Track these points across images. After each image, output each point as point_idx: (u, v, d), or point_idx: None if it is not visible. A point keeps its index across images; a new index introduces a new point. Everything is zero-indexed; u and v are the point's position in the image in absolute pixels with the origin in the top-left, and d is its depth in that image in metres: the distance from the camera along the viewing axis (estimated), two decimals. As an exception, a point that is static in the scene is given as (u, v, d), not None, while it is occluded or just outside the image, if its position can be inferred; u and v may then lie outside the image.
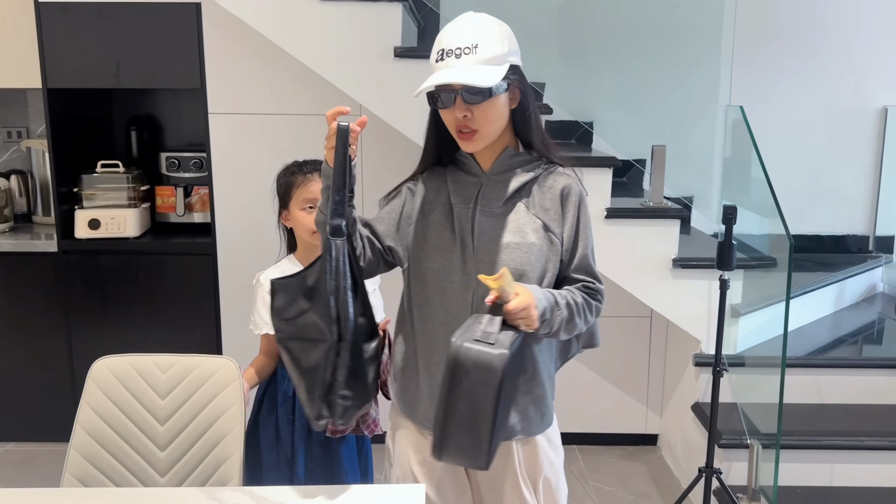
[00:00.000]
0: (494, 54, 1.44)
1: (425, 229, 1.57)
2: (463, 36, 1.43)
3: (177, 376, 1.74)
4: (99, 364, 1.75)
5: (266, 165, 3.04)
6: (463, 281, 1.52)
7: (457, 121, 1.46)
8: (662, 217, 2.76)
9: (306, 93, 3.06)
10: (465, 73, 1.41)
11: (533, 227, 1.52)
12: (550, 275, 1.53)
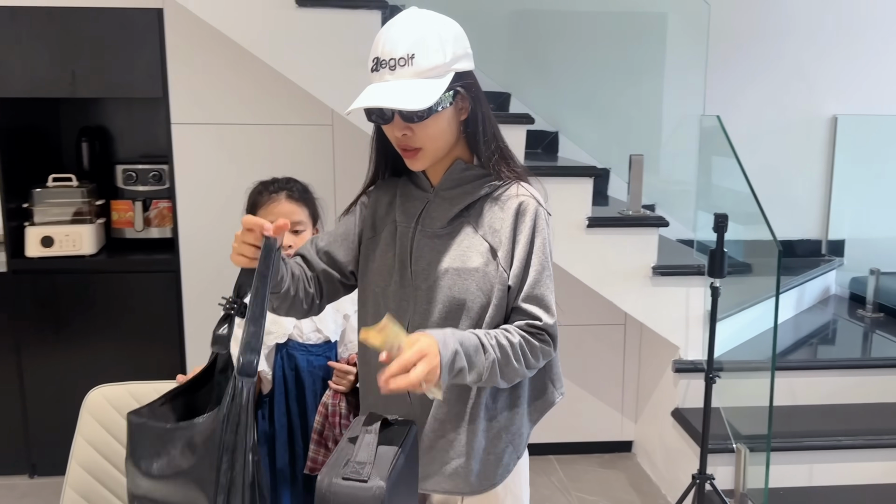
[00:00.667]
0: (434, 64, 1.26)
1: (373, 248, 1.44)
2: (398, 44, 1.25)
3: (180, 404, 1.63)
4: (94, 394, 1.62)
5: (233, 177, 2.95)
6: (399, 310, 1.37)
7: (397, 139, 1.33)
8: (643, 225, 2.78)
9: (276, 102, 2.97)
10: (398, 93, 1.24)
11: (478, 250, 1.35)
12: (496, 305, 1.35)
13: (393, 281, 1.40)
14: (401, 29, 1.27)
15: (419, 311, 1.37)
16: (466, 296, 1.35)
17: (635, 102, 3.30)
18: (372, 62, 1.29)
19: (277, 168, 2.94)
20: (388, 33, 1.28)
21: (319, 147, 3.02)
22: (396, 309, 1.38)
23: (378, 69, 1.27)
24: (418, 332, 1.24)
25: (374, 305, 1.42)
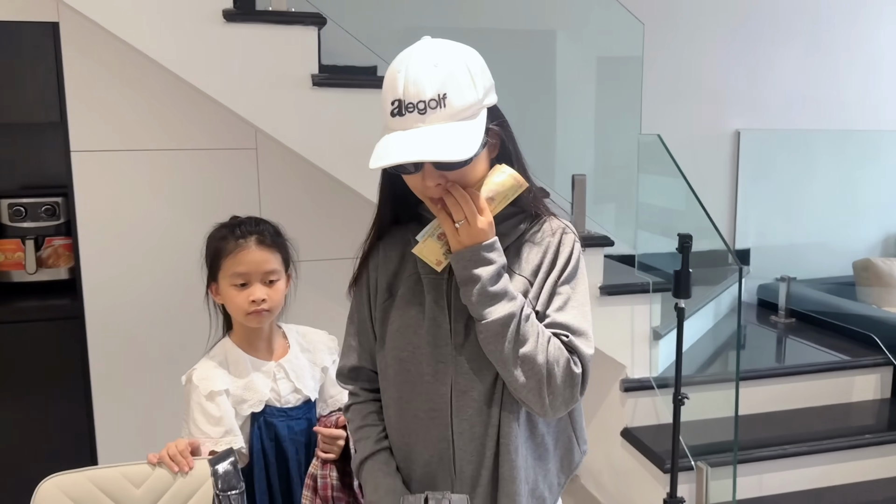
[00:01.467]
0: (469, 103, 1.13)
1: (389, 310, 1.28)
2: (426, 83, 1.09)
3: (155, 490, 1.38)
4: (46, 485, 1.35)
5: (144, 209, 2.66)
6: (436, 372, 1.23)
7: (427, 189, 1.17)
8: (590, 246, 2.74)
9: (193, 125, 2.69)
10: (436, 141, 1.09)
11: (520, 291, 1.22)
12: None
13: (425, 342, 1.23)
14: (425, 66, 1.11)
15: (463, 371, 1.22)
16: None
17: (573, 123, 3.28)
18: (392, 105, 1.12)
19: (196, 197, 2.70)
20: (411, 71, 1.10)
21: (243, 172, 2.77)
22: (434, 374, 1.23)
23: (403, 113, 1.11)
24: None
25: (403, 372, 1.26)
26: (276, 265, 1.60)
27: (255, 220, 1.64)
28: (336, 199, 2.84)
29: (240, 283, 1.57)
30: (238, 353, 1.61)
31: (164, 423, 2.81)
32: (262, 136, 2.75)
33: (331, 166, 2.49)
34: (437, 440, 1.24)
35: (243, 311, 1.57)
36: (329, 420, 1.65)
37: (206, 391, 1.54)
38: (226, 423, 1.53)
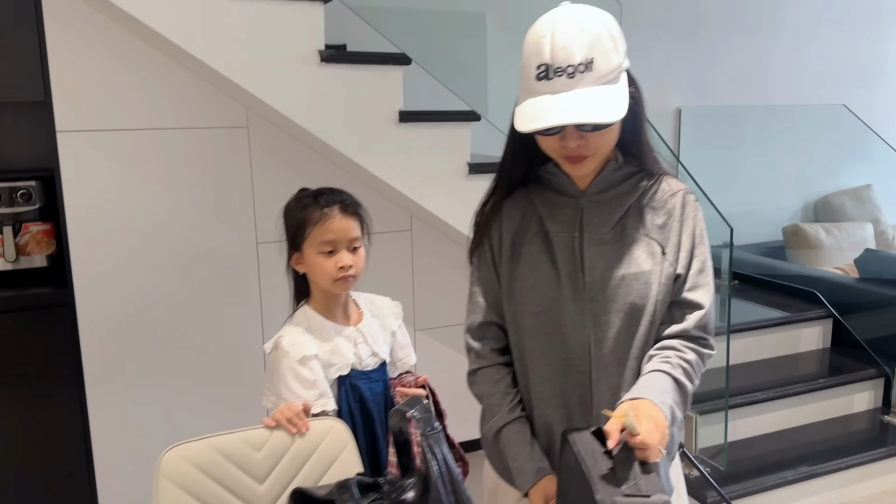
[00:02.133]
0: (613, 67, 1.18)
1: (516, 265, 1.33)
2: (574, 48, 1.14)
3: (275, 452, 1.40)
4: (170, 455, 1.34)
5: (135, 190, 2.59)
6: (574, 325, 1.29)
7: (564, 148, 1.23)
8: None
9: (182, 103, 2.62)
10: (588, 104, 1.15)
11: (648, 251, 1.31)
12: (663, 302, 1.32)
13: (562, 296, 1.29)
14: (572, 31, 1.15)
15: (600, 323, 1.29)
16: (646, 300, 1.29)
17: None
18: (538, 69, 1.16)
19: (187, 177, 2.64)
20: (558, 37, 1.15)
21: (234, 151, 2.73)
22: (572, 325, 1.29)
23: (550, 77, 1.15)
24: (632, 401, 1.19)
25: (538, 324, 1.31)
26: (358, 232, 1.63)
27: (334, 190, 1.66)
28: (329, 177, 2.85)
29: (328, 251, 1.59)
30: (320, 319, 1.64)
31: (161, 413, 2.75)
32: (253, 115, 2.72)
33: (338, 142, 2.50)
34: (577, 386, 1.31)
35: (331, 278, 1.59)
36: (405, 380, 1.71)
37: (299, 356, 1.55)
38: (319, 386, 1.56)
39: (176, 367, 2.75)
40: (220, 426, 2.76)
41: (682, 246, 1.32)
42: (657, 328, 1.32)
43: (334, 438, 1.44)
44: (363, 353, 1.66)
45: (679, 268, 1.32)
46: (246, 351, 2.84)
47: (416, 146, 2.58)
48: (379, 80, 2.50)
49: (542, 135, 1.24)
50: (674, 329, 1.31)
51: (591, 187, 1.32)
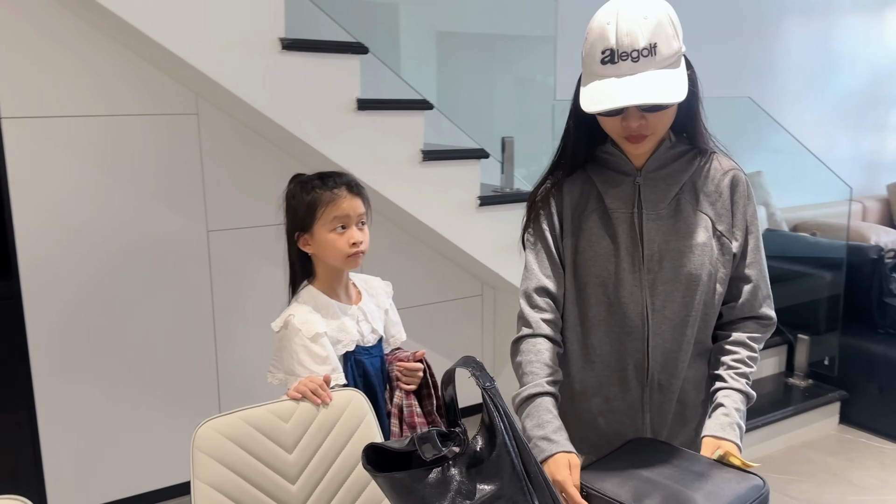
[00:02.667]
0: (673, 51, 1.25)
1: (576, 239, 1.42)
2: (638, 34, 1.22)
3: (302, 422, 1.46)
4: (204, 429, 1.37)
5: (84, 179, 2.53)
6: (632, 295, 1.38)
7: (626, 128, 1.31)
8: (522, 202, 3.03)
9: (130, 89, 2.57)
10: (653, 86, 1.22)
11: (702, 225, 1.38)
12: (722, 274, 1.41)
13: (620, 268, 1.38)
14: (636, 18, 1.23)
15: (658, 293, 1.38)
16: (701, 271, 1.37)
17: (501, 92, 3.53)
18: (603, 54, 1.24)
19: (136, 164, 2.61)
20: (622, 23, 1.23)
21: (184, 139, 2.70)
22: (630, 294, 1.38)
23: (616, 61, 1.23)
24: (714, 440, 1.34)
25: (599, 294, 1.40)
26: (364, 209, 1.70)
27: (335, 172, 1.72)
28: (279, 165, 2.87)
29: (340, 228, 1.65)
30: (325, 298, 1.69)
31: (112, 404, 2.70)
32: (204, 102, 2.71)
33: (298, 129, 2.53)
34: (634, 352, 1.40)
35: (344, 254, 1.65)
36: (403, 355, 1.79)
37: (311, 333, 1.61)
38: (332, 362, 1.62)
39: (127, 358, 2.70)
40: (172, 416, 2.75)
41: (736, 224, 1.40)
42: (715, 299, 1.41)
43: (355, 408, 1.51)
44: (365, 331, 1.73)
45: (735, 246, 1.40)
46: (197, 339, 2.83)
47: (373, 134, 2.65)
48: (338, 68, 2.55)
49: (605, 115, 1.30)
50: (740, 311, 1.43)
51: (647, 165, 1.39)
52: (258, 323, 2.92)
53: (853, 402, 3.48)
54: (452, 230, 2.90)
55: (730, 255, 1.41)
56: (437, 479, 1.08)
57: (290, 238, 1.73)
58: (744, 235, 1.42)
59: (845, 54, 5.27)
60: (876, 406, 3.41)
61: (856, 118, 5.52)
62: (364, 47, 2.59)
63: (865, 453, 3.27)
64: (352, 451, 1.49)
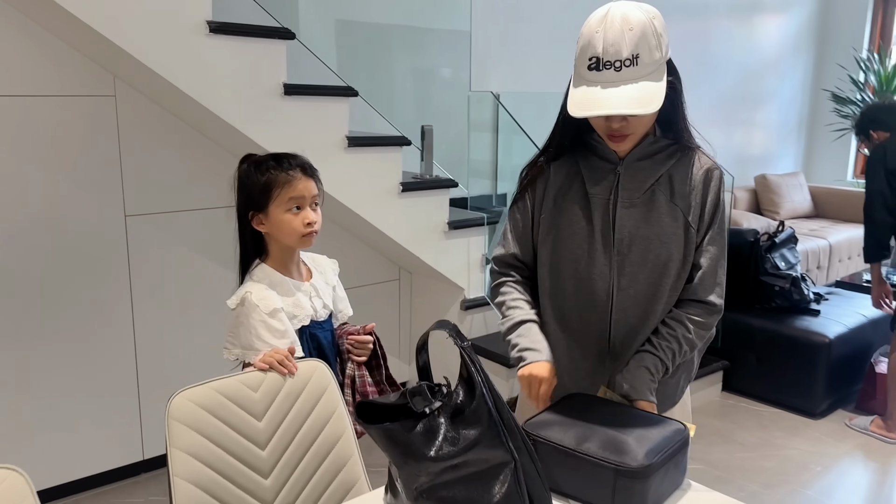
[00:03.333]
0: (655, 60, 1.35)
1: (557, 218, 1.54)
2: (621, 45, 1.32)
3: (271, 391, 1.52)
4: (178, 399, 1.41)
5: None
6: (601, 273, 1.51)
7: (608, 128, 1.43)
8: (442, 188, 3.17)
9: (43, 70, 2.50)
10: (632, 96, 1.33)
11: (672, 216, 1.49)
12: (688, 262, 1.51)
13: (594, 248, 1.50)
14: (620, 29, 1.32)
15: (625, 274, 1.50)
16: (669, 258, 1.49)
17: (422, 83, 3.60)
18: (590, 60, 1.34)
19: (50, 146, 2.54)
20: (608, 34, 1.32)
21: (100, 121, 2.64)
22: (600, 273, 1.50)
23: (600, 69, 1.34)
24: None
25: (572, 269, 1.53)
26: (317, 191, 1.74)
27: (289, 154, 1.75)
28: (200, 149, 2.85)
29: (295, 208, 1.69)
30: (279, 276, 1.74)
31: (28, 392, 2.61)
32: (122, 84, 2.66)
33: (225, 112, 2.53)
34: (599, 322, 1.53)
35: (299, 234, 1.69)
36: (351, 329, 1.87)
37: (269, 309, 1.65)
38: (290, 336, 1.67)
39: (43, 344, 2.62)
40: (91, 402, 2.69)
41: (703, 215, 1.51)
42: (681, 284, 1.53)
43: (319, 377, 1.58)
44: (318, 306, 1.80)
45: (698, 233, 1.51)
46: (115, 324, 2.77)
47: (300, 119, 2.69)
48: (265, 53, 2.57)
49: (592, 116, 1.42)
50: (686, 294, 1.53)
51: (629, 156, 1.49)
52: (177, 307, 2.90)
53: (734, 371, 3.83)
54: (376, 214, 2.98)
55: (694, 243, 1.52)
56: (426, 428, 1.18)
57: (242, 217, 1.76)
58: (705, 226, 1.51)
59: (719, 56, 5.72)
60: (754, 374, 3.77)
61: (727, 115, 6.00)
62: (291, 33, 2.62)
63: (746, 416, 3.62)
64: (317, 417, 1.56)
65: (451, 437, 1.18)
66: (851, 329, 3.68)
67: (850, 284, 4.62)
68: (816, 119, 6.75)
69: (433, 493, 1.18)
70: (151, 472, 2.97)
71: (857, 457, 3.24)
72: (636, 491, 1.27)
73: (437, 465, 1.17)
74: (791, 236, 3.99)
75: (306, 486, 1.54)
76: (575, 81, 1.41)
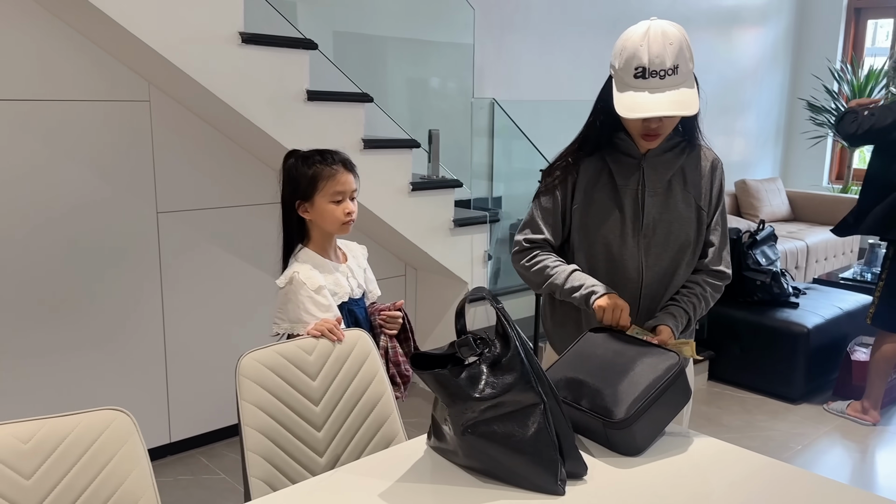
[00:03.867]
0: (689, 70, 1.60)
1: (589, 207, 1.76)
2: (665, 57, 1.56)
3: (323, 355, 1.73)
4: (246, 360, 1.62)
5: (32, 161, 2.69)
6: (631, 254, 1.75)
7: (646, 128, 1.66)
8: (448, 187, 3.39)
9: (83, 75, 2.71)
10: (677, 101, 1.57)
11: (688, 202, 1.75)
12: (701, 241, 1.78)
13: (626, 232, 1.74)
14: (662, 43, 1.57)
15: (651, 254, 1.75)
16: (688, 239, 1.76)
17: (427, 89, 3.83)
18: (636, 70, 1.58)
19: (91, 149, 2.74)
20: (653, 47, 1.57)
21: (136, 126, 2.84)
22: (630, 254, 1.75)
23: (647, 77, 1.58)
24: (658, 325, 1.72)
25: (605, 251, 1.77)
26: (356, 185, 1.98)
27: (332, 150, 1.96)
28: (224, 150, 3.06)
29: (337, 200, 1.91)
30: (320, 258, 1.96)
31: (62, 385, 2.79)
32: (155, 90, 2.87)
33: (255, 117, 2.74)
34: (629, 296, 1.75)
35: (340, 222, 1.92)
36: (381, 306, 2.09)
37: (315, 286, 1.87)
38: (333, 310, 1.89)
39: (76, 337, 2.81)
40: (121, 388, 2.88)
41: (711, 200, 1.80)
42: (695, 259, 1.80)
43: (362, 345, 1.79)
44: (353, 285, 2.02)
45: (708, 216, 1.80)
46: (146, 313, 2.97)
47: (321, 122, 2.91)
48: (291, 62, 2.79)
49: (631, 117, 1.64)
50: (702, 266, 1.81)
51: (650, 152, 1.74)
52: (204, 297, 3.10)
53: (719, 361, 4.08)
54: (388, 212, 3.20)
55: (705, 224, 1.80)
56: (469, 375, 1.40)
57: (288, 206, 1.97)
58: (713, 209, 1.80)
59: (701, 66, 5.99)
60: (738, 363, 4.02)
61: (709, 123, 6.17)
62: (313, 43, 2.85)
63: (731, 402, 3.87)
64: (362, 378, 1.78)
65: (491, 382, 1.40)
66: (828, 320, 3.94)
67: (828, 282, 4.90)
68: (793, 127, 7.07)
69: (477, 428, 1.40)
70: (177, 454, 3.16)
71: (835, 437, 3.49)
72: (624, 435, 1.51)
73: (481, 405, 1.39)
74: (771, 234, 4.25)
75: (353, 438, 1.75)
76: (620, 88, 1.63)
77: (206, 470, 3.05)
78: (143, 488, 1.36)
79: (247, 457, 1.57)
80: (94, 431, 1.34)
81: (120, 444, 1.35)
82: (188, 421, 3.14)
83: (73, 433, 1.32)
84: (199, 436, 3.19)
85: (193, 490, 2.90)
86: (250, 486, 1.55)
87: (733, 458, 1.52)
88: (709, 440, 1.61)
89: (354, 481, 1.38)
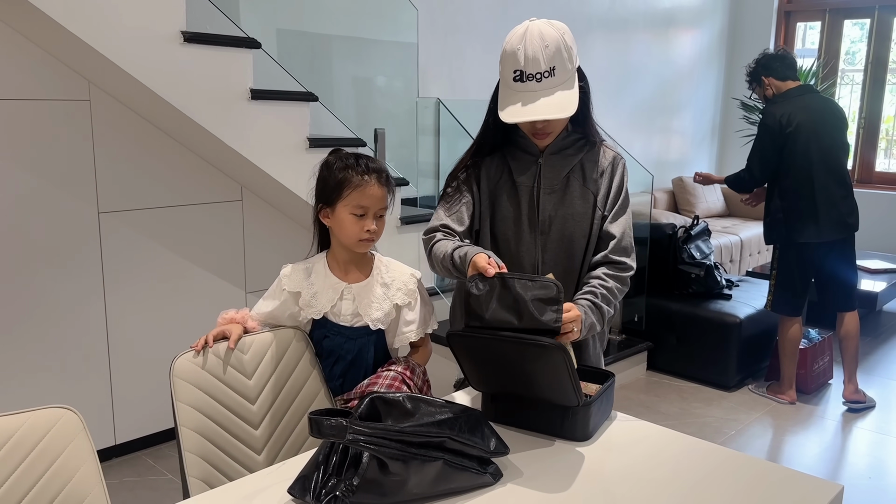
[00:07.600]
0: (568, 71, 1.61)
1: (493, 201, 1.79)
2: (540, 58, 1.58)
3: (258, 354, 1.75)
4: (180, 360, 1.63)
5: None
6: (528, 251, 1.78)
7: (533, 128, 1.69)
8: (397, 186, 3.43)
9: (20, 74, 2.67)
10: (552, 103, 1.60)
11: (584, 198, 1.77)
12: (595, 236, 1.78)
13: (522, 229, 1.78)
14: (538, 45, 1.58)
15: (548, 250, 1.78)
16: (581, 234, 1.77)
17: (372, 88, 3.85)
18: (514, 73, 1.60)
19: (26, 149, 2.70)
20: (528, 50, 1.58)
21: (76, 125, 2.82)
22: (526, 250, 1.78)
23: (523, 80, 1.60)
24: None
25: (504, 247, 1.80)
26: (387, 202, 1.74)
27: (369, 158, 1.74)
28: (167, 150, 3.05)
29: (359, 214, 1.70)
30: (323, 267, 1.79)
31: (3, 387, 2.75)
32: (95, 89, 2.84)
33: (198, 115, 2.75)
34: None
35: (356, 238, 1.71)
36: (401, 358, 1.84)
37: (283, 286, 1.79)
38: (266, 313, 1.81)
39: (20, 331, 2.77)
40: (64, 390, 2.85)
41: (609, 195, 1.79)
42: (594, 255, 1.78)
43: (299, 340, 1.81)
44: (343, 309, 1.77)
45: (605, 211, 1.79)
46: (88, 314, 2.94)
47: (265, 122, 2.92)
48: (234, 61, 2.80)
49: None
50: (598, 256, 1.77)
51: (547, 149, 1.76)
52: (147, 297, 3.09)
53: (657, 351, 4.23)
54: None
55: (601, 219, 1.80)
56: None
57: (315, 206, 1.78)
58: (613, 203, 1.79)
59: (639, 67, 6.18)
60: (674, 353, 4.18)
61: (647, 122, 6.47)
62: (257, 42, 2.86)
63: (668, 390, 4.02)
64: (298, 376, 1.80)
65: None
66: (759, 311, 4.12)
67: (760, 274, 5.10)
68: (727, 125, 7.32)
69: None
70: (123, 456, 3.14)
71: (766, 421, 3.66)
72: (582, 418, 1.59)
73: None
74: (705, 229, 4.42)
75: (291, 435, 1.79)
76: (503, 91, 1.66)
77: (152, 471, 3.04)
78: (90, 485, 1.38)
79: (184, 457, 1.59)
80: (41, 430, 1.35)
81: (67, 441, 1.37)
82: (133, 422, 3.12)
83: (19, 431, 1.33)
84: (145, 437, 3.18)
85: (140, 491, 2.89)
86: (189, 485, 1.58)
87: (673, 443, 1.61)
88: (650, 426, 1.70)
89: (292, 478, 1.37)
